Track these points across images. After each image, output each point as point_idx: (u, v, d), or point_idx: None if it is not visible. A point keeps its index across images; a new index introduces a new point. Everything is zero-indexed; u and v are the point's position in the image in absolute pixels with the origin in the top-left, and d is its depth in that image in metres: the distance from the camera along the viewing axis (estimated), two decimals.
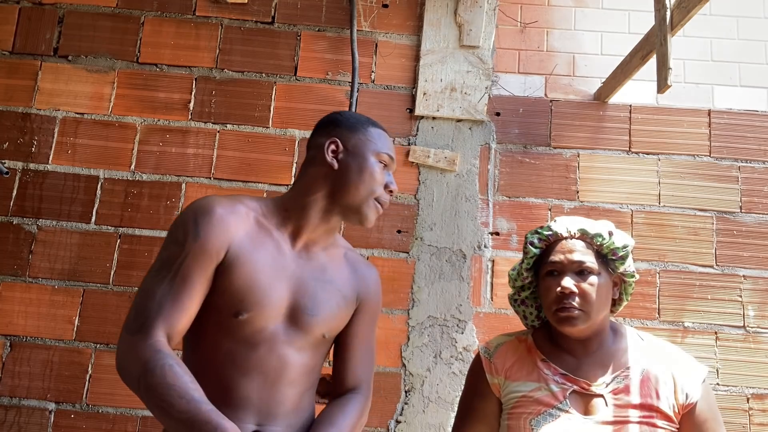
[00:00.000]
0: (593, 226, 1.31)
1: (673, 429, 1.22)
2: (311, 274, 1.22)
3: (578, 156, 2.25)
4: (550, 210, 2.22)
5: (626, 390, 1.23)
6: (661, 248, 2.17)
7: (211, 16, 2.34)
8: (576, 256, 1.27)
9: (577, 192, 2.23)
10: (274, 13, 2.35)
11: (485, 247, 2.18)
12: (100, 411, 2.07)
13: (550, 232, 1.33)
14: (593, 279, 1.26)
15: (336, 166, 1.21)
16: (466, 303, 2.14)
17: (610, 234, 1.29)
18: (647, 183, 2.23)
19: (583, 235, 1.30)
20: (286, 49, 2.32)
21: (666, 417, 1.21)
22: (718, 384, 2.08)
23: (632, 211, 2.21)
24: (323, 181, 1.22)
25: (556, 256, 1.29)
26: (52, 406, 2.07)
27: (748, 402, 2.07)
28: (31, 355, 2.10)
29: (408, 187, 2.23)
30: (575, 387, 1.25)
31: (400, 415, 2.07)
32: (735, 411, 2.06)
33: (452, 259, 2.17)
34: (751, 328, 2.12)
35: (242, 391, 1.15)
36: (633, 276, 1.30)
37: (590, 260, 1.27)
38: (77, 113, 2.26)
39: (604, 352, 1.29)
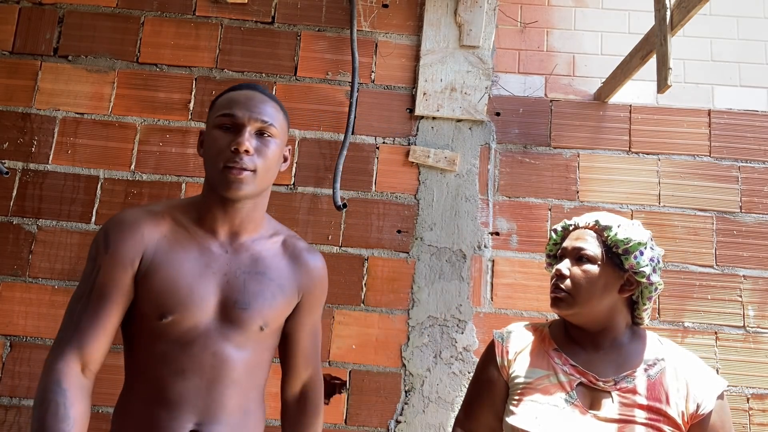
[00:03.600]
0: (608, 218, 1.30)
1: None
2: (240, 267, 1.19)
3: (578, 156, 2.25)
4: (550, 210, 2.22)
5: (634, 390, 1.22)
6: (661, 248, 2.17)
7: (211, 16, 2.34)
8: (579, 243, 1.29)
9: (577, 192, 2.23)
10: (274, 13, 2.35)
11: (485, 247, 2.18)
12: (100, 411, 2.07)
13: (571, 222, 1.36)
14: (588, 266, 1.27)
15: (202, 155, 1.20)
16: (466, 303, 2.14)
17: (619, 227, 1.27)
18: (647, 183, 2.23)
19: (595, 226, 1.30)
20: (286, 49, 2.32)
21: (673, 423, 1.20)
22: None
23: (632, 211, 2.21)
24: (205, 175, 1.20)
25: (565, 242, 1.34)
26: None
27: (748, 402, 2.07)
28: (31, 355, 2.10)
29: (408, 187, 2.23)
30: (583, 379, 1.25)
31: (400, 415, 2.07)
32: (735, 411, 2.06)
33: (452, 259, 2.17)
34: (751, 328, 2.12)
35: (178, 391, 1.14)
36: (643, 276, 1.25)
37: (592, 248, 1.27)
38: (77, 113, 2.26)
39: (617, 350, 1.28)
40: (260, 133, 1.17)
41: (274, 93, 2.29)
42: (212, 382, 1.16)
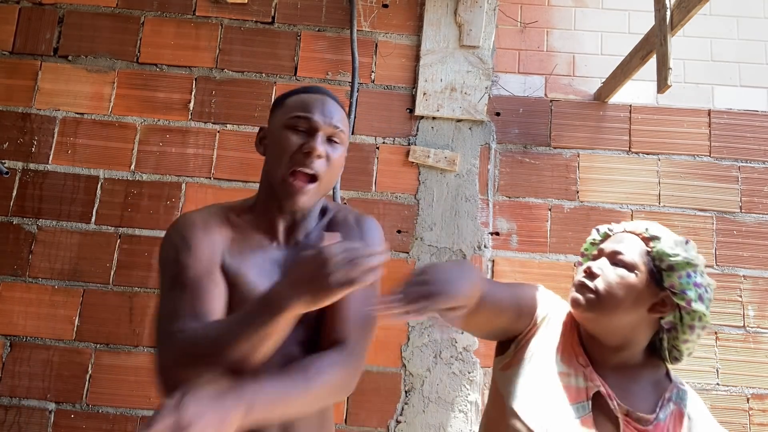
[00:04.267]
0: (660, 230, 1.18)
1: None
2: None
3: (578, 156, 2.25)
4: (550, 210, 2.22)
5: (644, 430, 1.11)
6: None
7: (211, 16, 2.34)
8: (619, 246, 1.17)
9: (577, 192, 2.23)
10: (274, 13, 2.35)
11: (485, 247, 2.18)
12: (100, 411, 2.07)
13: (618, 227, 1.24)
14: (624, 272, 1.14)
15: (263, 152, 1.16)
16: None
17: (675, 244, 1.15)
18: (647, 183, 2.23)
19: (643, 234, 1.18)
20: (286, 49, 2.32)
21: None
22: (718, 384, 2.08)
23: (632, 211, 2.21)
24: (263, 173, 1.16)
25: (605, 244, 1.21)
26: (52, 406, 2.07)
27: (748, 402, 2.07)
28: (31, 355, 2.10)
29: (408, 187, 2.23)
30: (601, 389, 1.13)
31: (400, 415, 2.07)
32: (735, 411, 2.06)
33: (452, 259, 2.17)
34: (751, 328, 2.12)
35: None
36: (683, 299, 1.10)
37: (632, 255, 1.15)
38: (77, 113, 2.26)
39: (631, 375, 1.16)
40: (330, 139, 1.15)
41: (273, 93, 2.29)
42: None
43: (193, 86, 2.29)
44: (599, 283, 1.14)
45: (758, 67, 2.31)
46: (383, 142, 2.26)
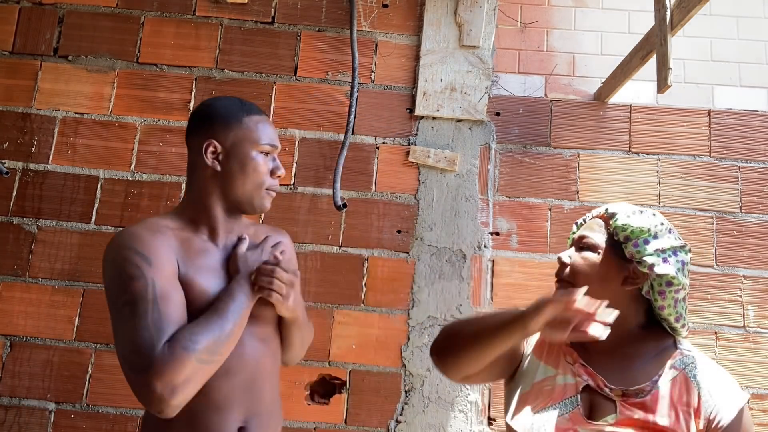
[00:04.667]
0: (618, 207, 1.21)
1: None
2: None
3: (578, 156, 2.25)
4: (550, 210, 2.22)
5: (642, 404, 1.11)
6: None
7: (211, 16, 2.34)
8: (584, 231, 1.22)
9: (577, 192, 2.23)
10: (274, 13, 2.35)
11: (485, 247, 2.18)
12: (100, 411, 2.07)
13: (589, 214, 1.29)
14: (587, 254, 1.18)
15: (218, 168, 1.22)
16: (466, 303, 2.14)
17: (626, 215, 1.18)
18: (647, 183, 2.23)
19: (604, 214, 1.22)
20: (286, 49, 2.32)
21: None
22: None
23: None
24: (212, 184, 1.23)
25: (577, 233, 1.26)
26: (52, 406, 2.07)
27: (748, 402, 2.06)
28: (31, 355, 2.10)
29: (408, 187, 2.23)
30: (590, 382, 1.15)
31: (400, 415, 2.07)
32: None
33: (452, 259, 2.17)
34: (751, 328, 2.12)
35: (225, 392, 1.17)
36: (645, 266, 1.12)
37: (594, 236, 1.19)
38: (77, 113, 2.26)
39: (628, 354, 1.17)
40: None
41: (273, 93, 2.29)
42: (253, 378, 1.21)
43: (193, 86, 2.29)
44: (568, 271, 1.19)
45: (758, 67, 2.31)
46: (383, 142, 2.26)
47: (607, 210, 1.21)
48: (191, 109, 2.27)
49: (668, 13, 1.79)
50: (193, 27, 2.33)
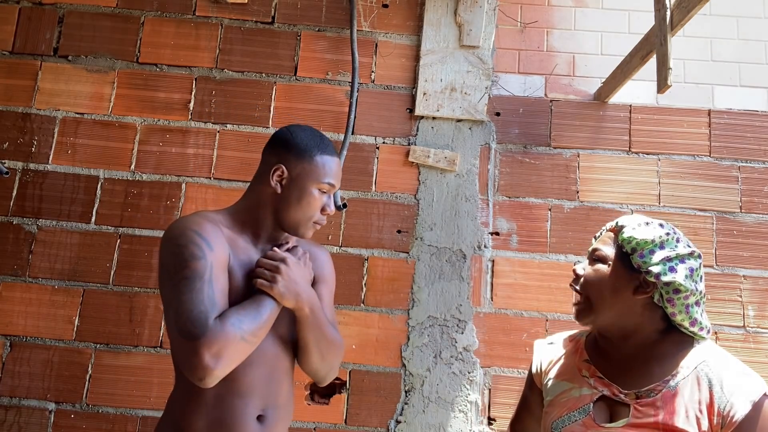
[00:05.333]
0: (628, 219, 1.25)
1: None
2: None
3: (578, 156, 2.25)
4: (550, 210, 2.22)
5: (653, 404, 1.13)
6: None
7: (211, 16, 2.34)
8: (597, 244, 1.27)
9: (577, 192, 2.23)
10: (274, 13, 2.35)
11: (485, 247, 2.18)
12: (100, 411, 2.07)
13: (605, 226, 1.32)
14: (599, 266, 1.23)
15: (279, 191, 1.34)
16: (466, 303, 2.14)
17: (633, 228, 1.22)
18: (647, 183, 2.23)
19: (614, 227, 1.26)
20: (286, 49, 2.32)
21: None
22: None
23: (632, 211, 2.21)
24: (269, 200, 1.35)
25: (593, 246, 1.31)
26: (52, 406, 2.07)
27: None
28: (31, 355, 2.10)
29: (408, 187, 2.23)
30: (606, 391, 1.19)
31: (400, 415, 2.07)
32: None
33: (452, 259, 2.17)
34: (751, 328, 2.12)
35: (248, 381, 1.27)
36: (651, 275, 1.16)
37: (605, 249, 1.24)
38: (77, 113, 2.26)
39: (647, 359, 1.19)
40: None
41: (273, 93, 2.29)
42: (273, 370, 1.31)
43: (193, 86, 2.29)
44: (582, 282, 1.25)
45: (758, 67, 2.31)
46: (383, 142, 2.26)
47: (617, 223, 1.26)
48: (191, 109, 2.27)
49: (668, 13, 1.79)
50: (193, 27, 2.33)
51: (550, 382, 1.32)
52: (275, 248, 1.31)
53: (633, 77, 2.10)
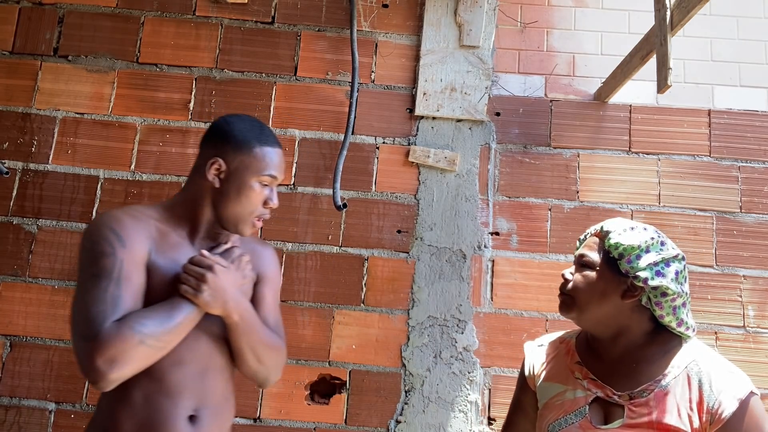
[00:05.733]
0: (613, 224, 1.27)
1: None
2: None
3: (578, 156, 2.25)
4: (550, 210, 2.22)
5: (646, 403, 1.16)
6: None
7: (211, 16, 2.34)
8: (583, 250, 1.29)
9: (577, 192, 2.23)
10: (274, 13, 2.35)
11: (485, 247, 2.18)
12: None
13: (589, 230, 1.35)
14: (586, 271, 1.25)
15: (217, 185, 1.29)
16: (466, 303, 2.14)
17: (619, 233, 1.24)
18: (647, 183, 2.23)
19: (599, 232, 1.28)
20: (286, 49, 2.32)
21: None
22: None
23: (632, 211, 2.21)
24: (207, 195, 1.31)
25: (578, 251, 1.32)
26: (52, 406, 2.07)
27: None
28: (31, 355, 2.10)
29: (408, 187, 2.23)
30: (600, 393, 1.22)
31: (400, 415, 2.07)
32: None
33: (452, 259, 2.17)
34: (751, 328, 2.12)
35: (177, 380, 1.24)
36: (639, 280, 1.18)
37: (591, 255, 1.25)
38: (77, 113, 2.26)
39: (637, 360, 1.22)
40: None
41: (273, 93, 2.29)
42: (205, 369, 1.28)
43: (193, 86, 2.29)
44: (571, 287, 1.27)
45: (758, 67, 2.31)
46: (383, 142, 2.26)
47: (602, 228, 1.28)
48: (191, 109, 2.27)
49: (668, 13, 1.79)
50: (193, 27, 2.33)
51: (543, 385, 1.34)
52: (204, 252, 1.24)
53: (633, 77, 2.10)
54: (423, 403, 2.07)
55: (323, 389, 2.11)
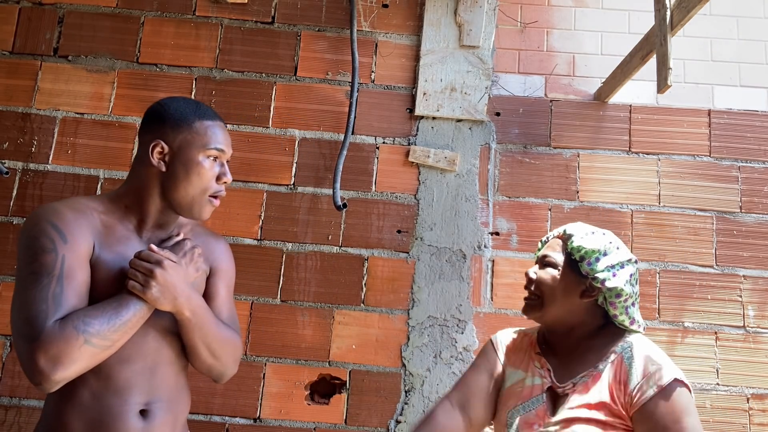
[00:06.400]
0: (575, 228, 1.37)
1: (626, 426, 1.23)
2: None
3: (578, 156, 2.25)
4: (550, 210, 2.22)
5: (585, 388, 1.27)
6: (661, 248, 2.17)
7: (211, 16, 2.34)
8: (546, 251, 1.39)
9: (577, 192, 2.23)
10: (274, 13, 2.35)
11: (485, 247, 2.18)
12: None
13: (551, 233, 1.45)
14: (550, 270, 1.35)
15: (164, 168, 1.24)
16: (466, 303, 2.14)
17: (581, 236, 1.34)
18: (647, 183, 2.23)
19: (562, 235, 1.38)
20: (286, 49, 2.32)
21: (617, 414, 1.22)
22: (718, 384, 2.08)
23: (632, 211, 2.21)
24: (155, 181, 1.25)
25: (541, 251, 1.42)
26: None
27: (748, 402, 2.07)
28: None
29: (408, 187, 2.23)
30: (551, 383, 1.32)
31: (400, 415, 2.07)
32: (735, 411, 2.06)
33: (452, 259, 2.17)
34: (751, 328, 2.12)
35: (125, 377, 1.20)
36: (598, 282, 1.29)
37: (555, 255, 1.36)
38: (77, 113, 2.26)
39: (584, 352, 1.33)
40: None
41: (273, 93, 2.29)
42: (154, 365, 1.24)
43: (193, 86, 2.29)
44: (536, 284, 1.36)
45: (758, 67, 2.31)
46: (383, 142, 2.26)
47: (565, 231, 1.38)
48: None
49: (668, 13, 1.79)
50: (193, 27, 2.33)
51: (508, 369, 1.43)
52: (152, 246, 1.18)
53: (633, 77, 2.10)
54: (423, 403, 2.07)
55: (323, 389, 2.11)
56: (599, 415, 1.22)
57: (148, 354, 1.23)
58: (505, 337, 1.49)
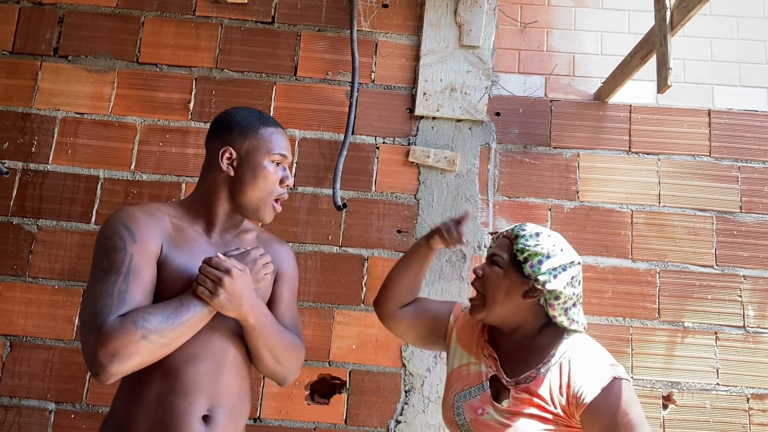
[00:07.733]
0: (524, 229, 1.39)
1: (568, 425, 1.26)
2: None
3: (578, 156, 2.25)
4: (550, 210, 2.22)
5: (527, 389, 1.29)
6: (661, 248, 2.17)
7: (211, 16, 2.34)
8: (495, 249, 1.41)
9: (577, 192, 2.23)
10: (274, 13, 2.35)
11: (485, 247, 2.18)
12: (100, 411, 2.07)
13: (502, 231, 1.47)
14: (495, 269, 1.37)
15: (232, 173, 1.32)
16: (466, 303, 2.14)
17: (527, 237, 1.35)
18: (647, 183, 2.23)
19: (510, 234, 1.40)
20: (286, 49, 2.32)
21: (557, 416, 1.26)
22: (718, 384, 2.08)
23: (632, 211, 2.21)
24: (223, 186, 1.33)
25: (492, 249, 1.45)
26: (52, 406, 2.07)
27: (748, 402, 2.07)
28: (31, 355, 2.10)
29: (408, 187, 2.23)
30: (496, 373, 1.36)
31: (400, 415, 2.07)
32: (735, 411, 2.06)
33: (452, 259, 2.17)
34: (751, 328, 2.12)
35: (191, 377, 1.23)
36: (539, 283, 1.30)
37: (501, 254, 1.37)
38: (77, 113, 2.26)
39: (529, 350, 1.35)
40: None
41: (273, 93, 2.29)
42: (220, 366, 1.27)
43: (193, 86, 2.29)
44: (480, 282, 1.39)
45: (758, 67, 2.31)
46: (383, 142, 2.26)
47: (513, 231, 1.40)
48: (191, 109, 2.27)
49: (668, 13, 1.79)
50: (193, 27, 2.33)
51: (455, 345, 1.47)
52: (220, 255, 1.22)
53: (633, 77, 2.10)
54: (423, 403, 2.07)
55: (323, 389, 2.11)
56: (542, 413, 1.26)
57: (214, 353, 1.26)
58: (464, 314, 1.54)
